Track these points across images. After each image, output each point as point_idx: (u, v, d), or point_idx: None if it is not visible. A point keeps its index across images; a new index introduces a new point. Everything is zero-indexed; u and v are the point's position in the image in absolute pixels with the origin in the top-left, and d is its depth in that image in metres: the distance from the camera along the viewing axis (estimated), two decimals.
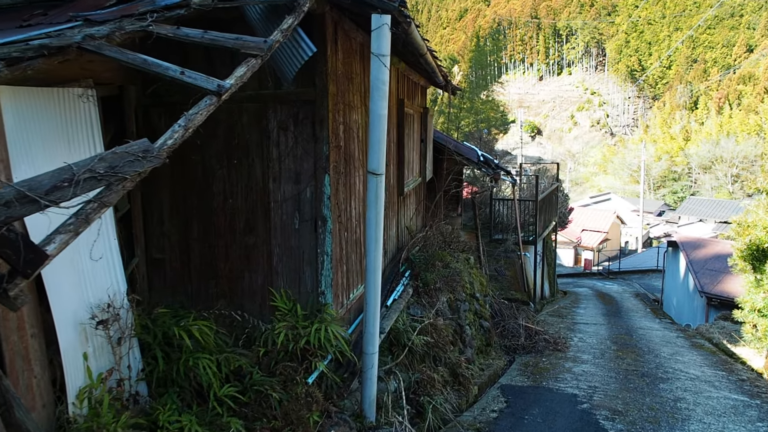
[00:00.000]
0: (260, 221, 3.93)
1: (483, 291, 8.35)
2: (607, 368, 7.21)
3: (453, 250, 7.65)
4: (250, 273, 3.99)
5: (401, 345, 4.83)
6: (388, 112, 6.35)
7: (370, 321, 3.63)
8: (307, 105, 3.74)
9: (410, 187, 7.40)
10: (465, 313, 6.81)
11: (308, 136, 3.77)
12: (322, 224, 3.82)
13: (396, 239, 6.65)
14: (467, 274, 7.49)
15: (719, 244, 16.57)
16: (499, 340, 8.56)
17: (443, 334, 5.49)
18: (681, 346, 9.61)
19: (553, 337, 9.25)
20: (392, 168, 6.32)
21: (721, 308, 13.42)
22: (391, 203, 6.32)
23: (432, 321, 5.34)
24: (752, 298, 8.99)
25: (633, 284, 24.58)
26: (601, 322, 12.13)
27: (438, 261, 6.20)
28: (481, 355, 7.29)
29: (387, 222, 6.05)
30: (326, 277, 3.87)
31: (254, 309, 4.01)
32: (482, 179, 16.36)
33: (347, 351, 3.66)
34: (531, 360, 7.61)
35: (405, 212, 7.22)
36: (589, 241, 38.07)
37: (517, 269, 13.42)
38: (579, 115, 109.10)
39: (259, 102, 3.81)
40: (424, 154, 8.43)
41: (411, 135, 7.47)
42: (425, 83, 8.61)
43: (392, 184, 6.35)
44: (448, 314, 6.22)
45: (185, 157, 3.97)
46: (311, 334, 3.57)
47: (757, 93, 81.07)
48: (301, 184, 3.83)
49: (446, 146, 9.29)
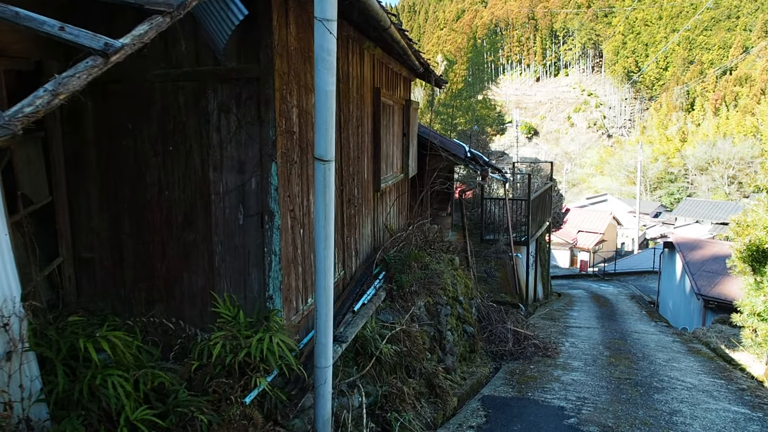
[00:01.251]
0: (200, 216, 3.46)
1: (468, 294, 7.89)
2: (598, 377, 6.75)
3: (435, 251, 7.20)
4: (190, 274, 3.52)
5: (368, 354, 4.36)
6: (363, 101, 5.91)
7: (322, 330, 3.16)
8: (251, 83, 3.28)
9: (389, 183, 6.94)
10: (446, 318, 6.35)
11: (253, 119, 3.31)
12: (269, 219, 3.35)
13: (372, 238, 6.19)
14: (450, 276, 7.03)
15: (716, 245, 16.16)
16: (486, 345, 8.10)
17: (417, 341, 5.03)
18: (677, 351, 9.17)
19: (543, 342, 8.80)
20: (366, 162, 5.86)
21: (718, 311, 13.00)
22: (365, 200, 5.86)
23: (405, 327, 4.87)
24: (752, 302, 8.56)
25: (629, 286, 24.17)
26: (595, 326, 11.68)
27: (414, 262, 5.73)
28: (465, 363, 6.83)
29: (360, 219, 5.59)
30: (274, 279, 3.40)
31: (194, 315, 3.54)
32: (477, 179, 15.92)
33: (294, 364, 3.19)
34: (518, 367, 7.15)
35: (383, 210, 6.76)
36: (585, 243, 37.71)
37: (508, 271, 12.97)
38: (576, 116, 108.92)
39: (197, 80, 3.35)
40: (407, 149, 7.98)
41: (390, 128, 7.01)
42: (408, 74, 8.16)
43: (367, 180, 5.89)
44: (426, 319, 5.75)
45: (115, 143, 3.50)
46: (252, 346, 3.11)
47: (754, 94, 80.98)
48: (245, 173, 3.36)
49: (432, 142, 8.84)
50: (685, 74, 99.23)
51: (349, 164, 5.08)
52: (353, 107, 5.19)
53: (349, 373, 4.18)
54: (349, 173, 5.07)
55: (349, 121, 5.05)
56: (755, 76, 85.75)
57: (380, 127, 6.29)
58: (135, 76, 3.41)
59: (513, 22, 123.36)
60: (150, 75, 3.39)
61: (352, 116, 5.17)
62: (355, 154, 5.34)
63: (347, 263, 5.06)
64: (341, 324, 4.34)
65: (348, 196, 5.05)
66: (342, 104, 4.79)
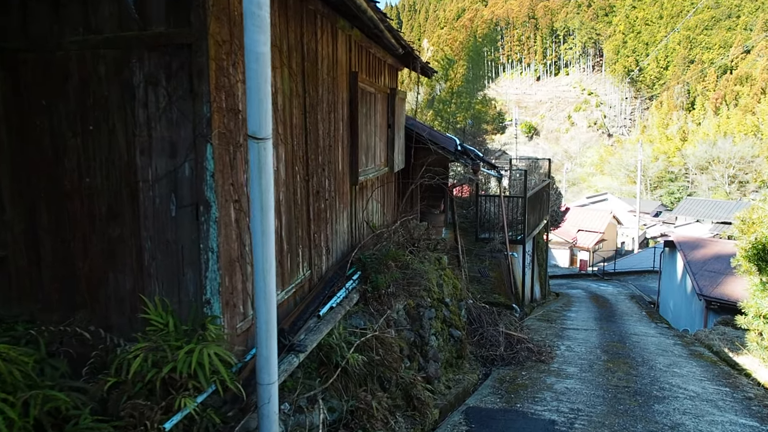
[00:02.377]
0: (126, 206, 2.97)
1: (457, 295, 7.41)
2: (594, 384, 6.27)
3: (420, 249, 6.71)
4: (116, 275, 3.04)
5: (333, 365, 3.88)
6: (336, 85, 5.42)
7: (263, 340, 2.68)
8: (182, 51, 2.80)
9: (370, 177, 6.46)
10: (429, 322, 5.87)
11: (185, 93, 2.82)
12: (205, 211, 2.87)
13: (349, 235, 5.71)
14: (436, 277, 6.55)
15: (719, 244, 15.67)
16: (476, 350, 7.63)
17: (393, 348, 4.54)
18: (678, 355, 8.69)
19: (538, 346, 8.33)
20: (341, 152, 5.38)
21: (721, 312, 12.51)
22: (340, 193, 5.38)
23: (378, 333, 4.39)
24: (757, 303, 8.08)
25: (628, 286, 23.69)
26: (593, 328, 11.20)
27: (392, 261, 5.24)
28: (451, 369, 6.35)
29: (332, 214, 5.11)
30: (212, 281, 2.92)
31: (123, 323, 3.06)
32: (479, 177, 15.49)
33: (228, 380, 2.71)
34: (509, 374, 6.67)
35: (363, 205, 6.28)
36: (584, 242, 37.25)
37: (503, 270, 12.49)
38: (576, 115, 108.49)
39: (120, 48, 2.86)
40: (392, 141, 7.50)
41: (371, 117, 6.53)
42: (394, 63, 7.67)
43: (342, 171, 5.41)
44: (405, 324, 5.27)
45: (27, 122, 3.02)
46: (179, 359, 2.63)
47: (754, 93, 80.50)
48: (177, 157, 2.88)
49: (419, 134, 8.35)
50: (686, 73, 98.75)
51: (317, 153, 4.60)
52: (323, 90, 4.71)
53: (310, 386, 3.70)
54: (317, 163, 4.59)
55: (317, 105, 4.57)
56: (756, 75, 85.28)
57: (358, 115, 5.80)
58: (49, 44, 2.93)
59: (513, 21, 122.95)
60: (66, 42, 2.91)
61: (322, 100, 4.69)
62: (326, 143, 4.86)
63: (315, 262, 4.58)
64: (302, 331, 3.85)
65: (316, 188, 4.57)
66: (308, 85, 4.31)
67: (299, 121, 4.15)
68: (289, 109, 3.93)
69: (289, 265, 4.00)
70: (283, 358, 3.46)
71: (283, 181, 3.85)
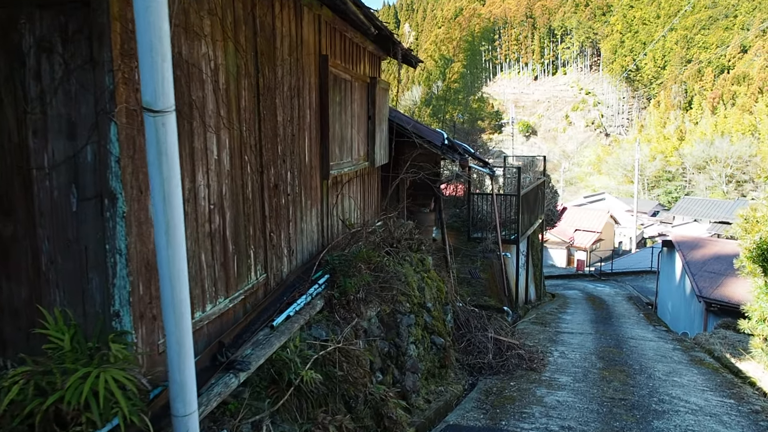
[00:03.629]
0: (18, 199, 2.47)
1: (442, 298, 6.92)
2: (588, 397, 5.78)
3: (400, 250, 6.21)
4: (9, 282, 2.53)
5: (286, 383, 3.38)
6: (301, 67, 4.90)
7: (175, 362, 2.18)
8: (80, 9, 2.30)
9: (346, 171, 5.96)
10: (408, 329, 5.38)
11: (85, 62, 2.32)
12: (111, 204, 2.37)
13: (319, 235, 5.21)
14: (417, 279, 6.06)
15: (718, 244, 15.21)
16: (463, 357, 7.14)
17: (361, 361, 4.04)
18: (678, 361, 8.21)
19: (529, 352, 7.84)
20: (309, 142, 4.88)
21: (721, 315, 12.04)
22: (308, 188, 4.88)
23: (342, 345, 3.88)
24: (762, 306, 7.61)
25: (626, 286, 23.23)
26: (589, 331, 10.72)
27: (362, 263, 4.73)
28: (433, 380, 5.85)
29: (296, 211, 4.60)
30: (121, 289, 2.42)
31: (18, 339, 2.56)
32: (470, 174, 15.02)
33: (127, 412, 2.20)
34: (496, 384, 6.18)
35: (337, 202, 5.78)
36: (582, 242, 36.81)
37: (495, 271, 12.00)
38: (573, 115, 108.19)
39: (5, 6, 2.36)
40: (372, 133, 7.00)
41: (347, 106, 6.03)
42: (375, 50, 7.17)
43: (309, 164, 4.91)
44: (378, 332, 4.77)
45: None
46: (69, 386, 2.12)
47: (752, 93, 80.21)
48: (77, 139, 2.38)
49: (401, 126, 7.85)
50: (683, 73, 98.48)
51: (276, 142, 4.10)
52: (283, 72, 4.21)
53: (257, 408, 3.20)
54: (275, 153, 4.09)
55: (276, 88, 4.06)
56: (753, 75, 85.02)
57: (329, 103, 5.30)
58: None
59: (511, 20, 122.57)
60: None
61: (282, 83, 4.19)
62: (288, 132, 4.35)
63: (273, 265, 4.07)
64: (248, 345, 3.35)
65: (274, 181, 4.06)
66: (263, 65, 3.81)
67: (250, 105, 3.65)
68: (236, 89, 3.43)
69: (236, 269, 3.50)
70: (219, 378, 2.96)
71: (228, 172, 3.35)
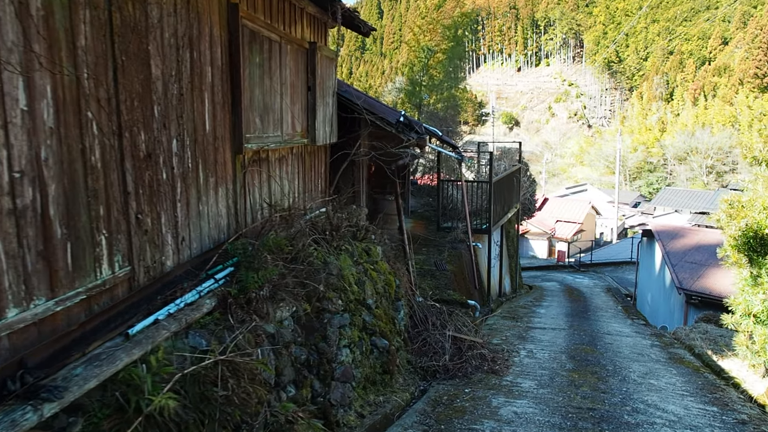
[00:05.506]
0: None
1: (391, 294, 6.10)
2: (551, 406, 5.00)
3: (337, 238, 5.37)
4: None
5: (133, 410, 2.53)
6: (194, 11, 3.94)
7: None
8: None
9: (272, 147, 5.09)
10: (339, 331, 4.54)
11: None
12: None
13: (228, 219, 4.34)
14: (356, 272, 5.22)
15: (699, 233, 14.63)
16: (416, 359, 6.34)
17: (256, 376, 3.19)
18: (656, 360, 7.52)
19: (493, 352, 7.09)
20: (210, 107, 4.00)
21: (702, 307, 11.43)
22: (208, 162, 4.00)
23: (228, 356, 3.03)
24: (747, 300, 6.89)
25: (605, 277, 22.71)
26: (562, 326, 10.01)
27: (269, 254, 3.87)
28: (373, 389, 5.04)
29: (190, 190, 3.72)
30: None
31: None
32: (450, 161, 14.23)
33: None
34: (449, 392, 5.38)
35: (259, 182, 4.91)
36: (563, 232, 36.36)
37: (464, 263, 11.22)
38: (556, 106, 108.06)
39: None
40: (313, 107, 6.13)
41: (275, 71, 5.15)
42: (317, 12, 6.27)
43: (212, 134, 4.03)
44: (292, 337, 3.92)
45: None
46: None
47: (732, 84, 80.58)
48: None
49: (351, 101, 6.99)
50: (665, 64, 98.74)
51: (149, 100, 3.21)
52: (162, 13, 3.31)
53: None
54: (147, 113, 3.20)
55: (148, 31, 3.17)
56: (733, 67, 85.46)
57: (244, 64, 4.42)
58: None
59: (494, 11, 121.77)
60: None
61: (161, 27, 3.29)
62: (173, 90, 3.46)
63: (142, 255, 3.19)
64: (79, 362, 2.48)
65: (146, 150, 3.18)
66: None
67: (96, 46, 2.76)
68: (66, 21, 2.54)
69: (70, 260, 2.62)
70: (8, 412, 2.10)
71: (51, 130, 2.46)
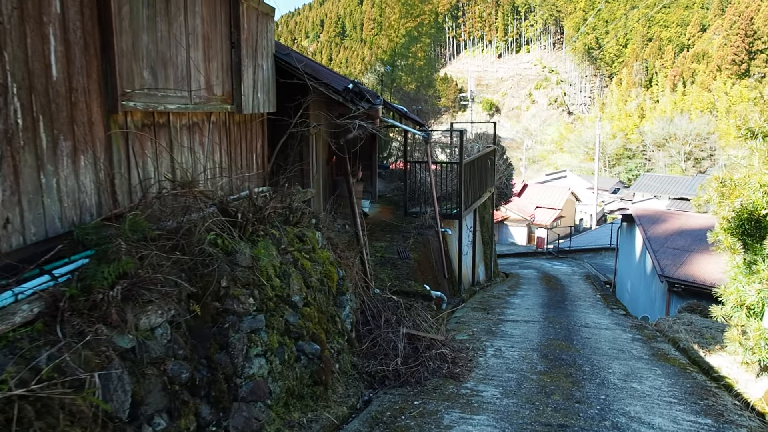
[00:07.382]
0: None
1: (332, 288, 5.17)
2: (516, 424, 4.12)
3: (264, 222, 4.39)
4: None
5: None
6: None
7: None
8: None
9: (173, 109, 4.07)
10: (249, 337, 3.59)
11: None
12: None
13: (94, 198, 3.32)
14: (279, 263, 4.26)
15: (682, 218, 13.95)
16: (365, 362, 5.44)
17: (83, 413, 2.22)
18: (638, 357, 6.72)
19: (456, 351, 6.23)
20: (63, 48, 2.97)
21: (685, 296, 10.73)
22: (60, 120, 2.98)
23: (28, 390, 2.05)
24: (740, 290, 6.11)
25: (584, 264, 22.11)
26: (537, 319, 9.19)
27: (122, 240, 2.88)
28: (299, 405, 4.10)
29: (22, 157, 2.71)
30: None
31: None
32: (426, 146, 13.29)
33: None
34: (395, 404, 4.48)
35: (153, 152, 3.89)
36: (543, 219, 35.84)
37: (432, 250, 10.34)
38: (537, 93, 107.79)
39: None
40: (238, 68, 5.11)
41: (176, 15, 4.10)
42: None
43: (67, 84, 3.00)
44: (170, 349, 2.95)
45: None
46: None
47: (710, 71, 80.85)
48: None
49: (291, 65, 5.97)
50: (645, 51, 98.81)
51: None
52: None
53: None
54: None
55: None
56: (712, 53, 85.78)
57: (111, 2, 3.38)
58: None
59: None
60: None
61: None
62: None
63: None
64: None
65: None
66: None
67: None
68: None
69: None
70: None
71: None
